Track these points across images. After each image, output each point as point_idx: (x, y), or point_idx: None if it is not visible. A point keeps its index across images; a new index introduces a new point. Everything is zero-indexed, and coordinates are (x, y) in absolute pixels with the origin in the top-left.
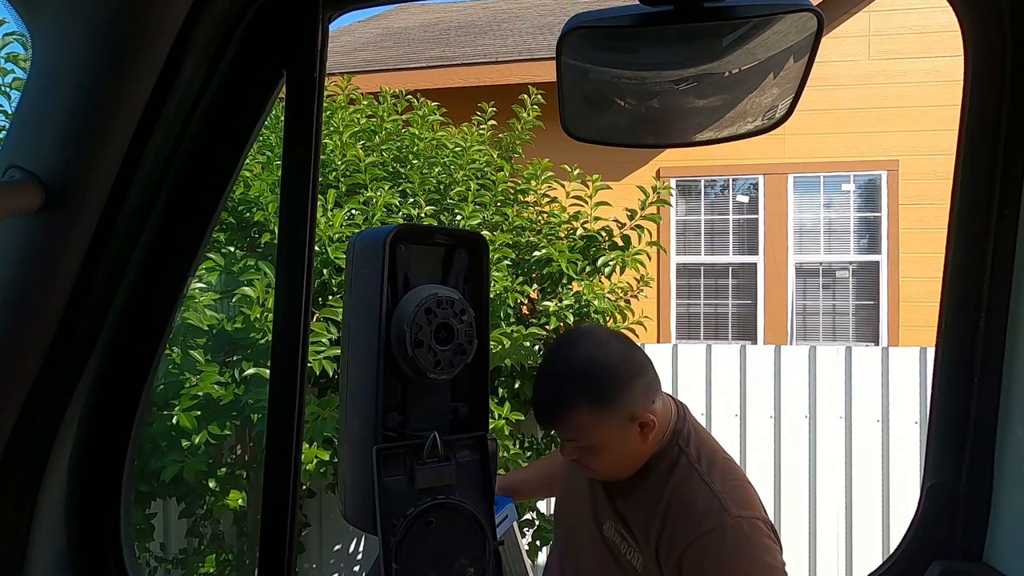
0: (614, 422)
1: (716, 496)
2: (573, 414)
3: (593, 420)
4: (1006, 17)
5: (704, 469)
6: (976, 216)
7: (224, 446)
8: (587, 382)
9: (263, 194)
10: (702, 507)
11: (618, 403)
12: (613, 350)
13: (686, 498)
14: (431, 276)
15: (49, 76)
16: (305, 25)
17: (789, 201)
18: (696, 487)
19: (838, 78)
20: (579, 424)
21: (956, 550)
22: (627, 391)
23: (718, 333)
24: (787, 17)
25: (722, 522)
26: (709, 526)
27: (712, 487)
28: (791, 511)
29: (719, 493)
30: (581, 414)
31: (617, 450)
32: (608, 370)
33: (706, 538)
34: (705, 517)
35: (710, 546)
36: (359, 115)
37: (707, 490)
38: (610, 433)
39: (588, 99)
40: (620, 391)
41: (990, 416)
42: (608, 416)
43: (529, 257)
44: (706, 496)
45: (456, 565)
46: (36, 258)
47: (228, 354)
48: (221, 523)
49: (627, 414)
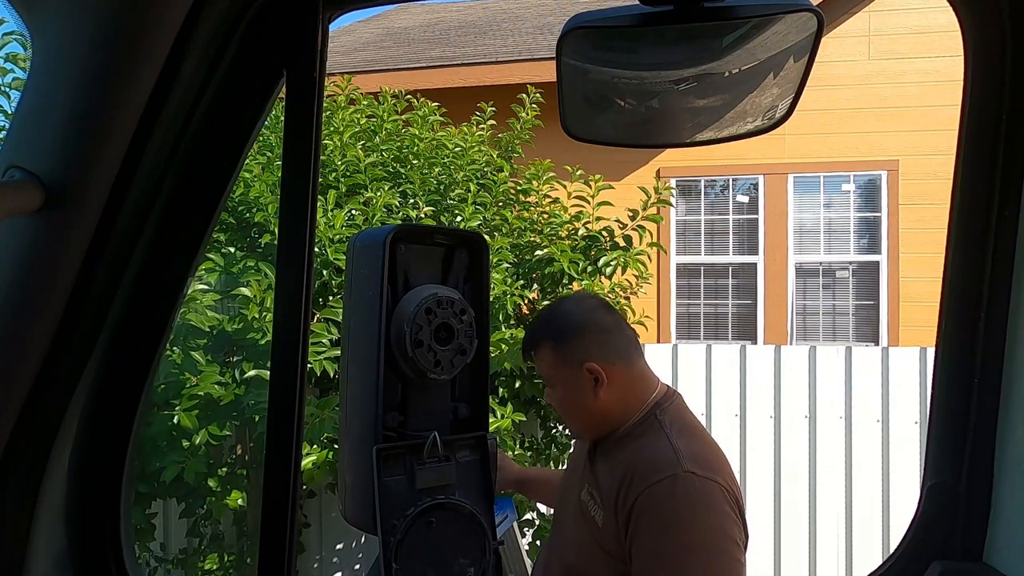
0: (568, 364)
1: (674, 450)
2: (539, 349)
3: (552, 356)
4: (1006, 17)
5: (672, 432)
6: (976, 216)
7: (224, 447)
8: (553, 325)
9: (263, 194)
10: (659, 459)
11: (572, 346)
12: (585, 308)
13: (647, 453)
14: (431, 276)
15: (49, 76)
16: (305, 25)
17: (789, 201)
18: (658, 444)
19: (838, 78)
20: (542, 358)
21: (956, 550)
22: (581, 339)
23: (718, 333)
24: (787, 17)
25: (674, 473)
26: (660, 476)
27: (673, 444)
28: (791, 511)
29: (678, 449)
30: (545, 349)
31: (569, 395)
32: (571, 319)
33: (656, 487)
34: (660, 468)
35: (658, 494)
36: (359, 115)
37: (668, 446)
38: (564, 374)
39: (588, 99)
40: (575, 337)
41: (990, 416)
42: (564, 355)
43: (530, 257)
44: (665, 450)
45: (456, 565)
46: (36, 258)
47: (228, 355)
48: (221, 523)
49: (579, 359)
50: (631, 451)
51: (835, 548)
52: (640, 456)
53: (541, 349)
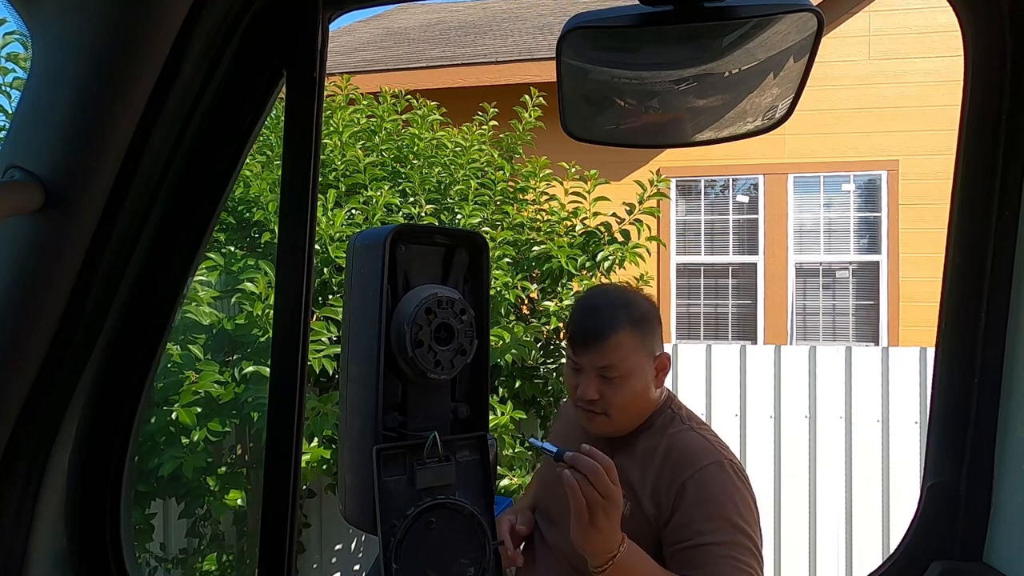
0: (644, 352)
1: (710, 443)
2: (620, 333)
3: (634, 342)
4: (1006, 17)
5: (693, 424)
6: (976, 216)
7: (224, 444)
8: (632, 310)
9: (263, 193)
10: (700, 448)
11: (652, 334)
12: (646, 300)
13: (684, 443)
14: (431, 276)
15: (49, 76)
16: (305, 25)
17: (789, 201)
18: (692, 436)
19: (838, 78)
20: (622, 343)
21: (956, 550)
22: (657, 328)
23: (718, 333)
24: (787, 17)
25: (720, 459)
26: (709, 460)
27: (703, 435)
28: (791, 511)
29: (709, 439)
30: (625, 333)
31: (639, 384)
32: (645, 306)
33: (708, 468)
34: (704, 455)
35: (712, 475)
36: (359, 115)
37: (701, 438)
38: (639, 362)
39: (588, 99)
40: (654, 325)
41: (990, 416)
42: (644, 343)
43: (529, 254)
44: (701, 442)
45: (456, 565)
46: (36, 258)
47: (228, 354)
48: (221, 523)
49: (652, 349)
50: (660, 442)
51: (835, 548)
52: (678, 447)
53: (621, 333)
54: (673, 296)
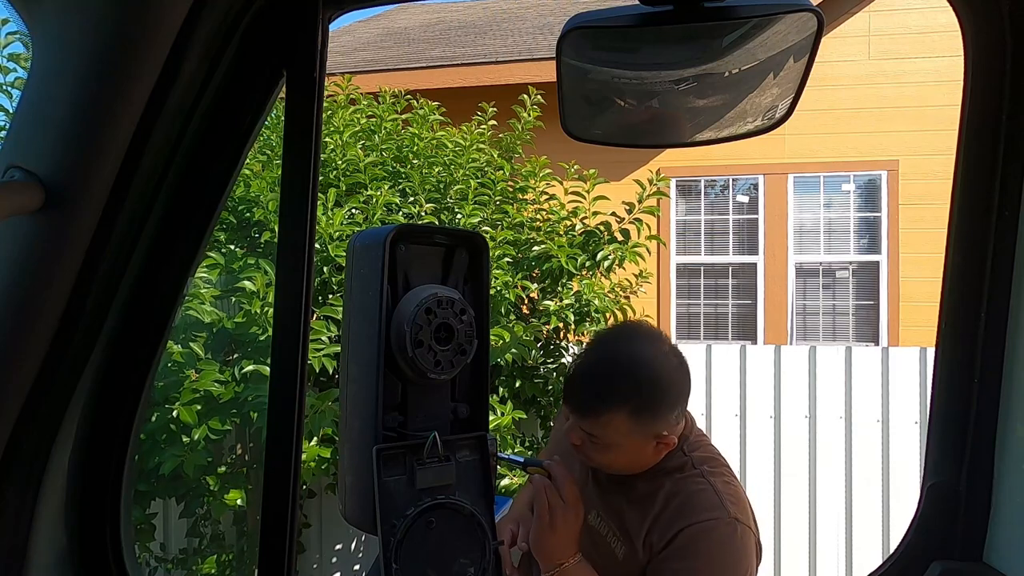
0: (642, 435)
1: (718, 495)
2: (613, 413)
3: (627, 426)
4: (1006, 17)
5: (706, 470)
6: (976, 216)
7: (224, 444)
8: (640, 389)
9: (263, 193)
10: (704, 499)
11: (657, 421)
12: (673, 367)
13: (689, 491)
14: (431, 276)
15: (50, 76)
16: (305, 25)
17: (789, 201)
18: (699, 485)
19: (838, 78)
20: (612, 424)
21: (956, 550)
22: (669, 413)
23: (718, 333)
24: (787, 17)
25: (721, 515)
26: (709, 515)
27: (715, 487)
28: (791, 511)
29: (720, 493)
30: (620, 416)
31: (628, 456)
32: (662, 385)
33: (705, 523)
34: (707, 507)
35: (707, 531)
36: (359, 115)
37: (709, 488)
38: (633, 442)
39: (588, 99)
40: (664, 411)
41: (990, 416)
42: (642, 427)
43: (529, 254)
44: (708, 493)
45: (456, 565)
46: (36, 258)
47: (228, 353)
48: (221, 523)
49: (657, 432)
50: (665, 487)
51: (835, 548)
52: (682, 494)
53: (612, 414)
54: (673, 296)
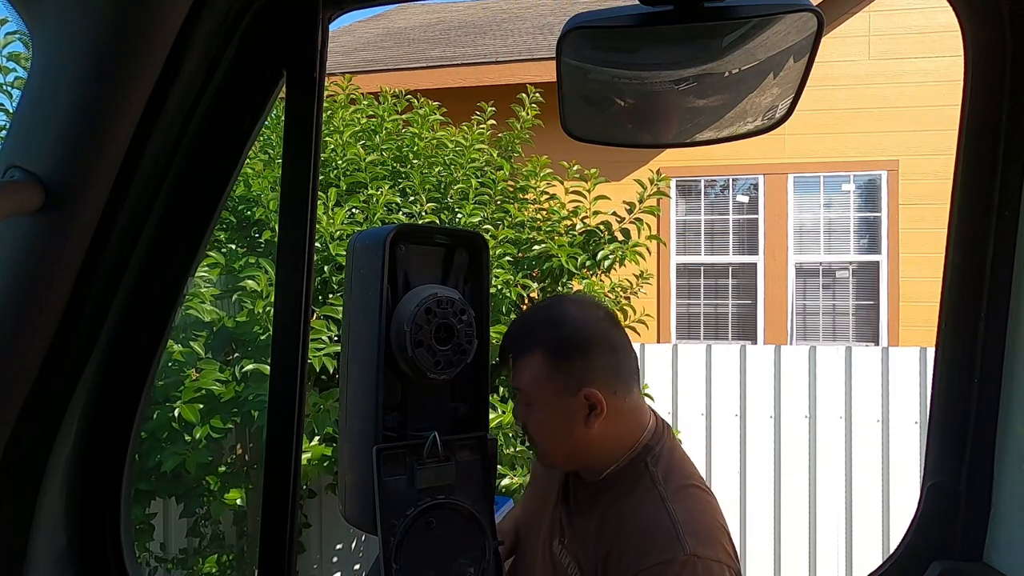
0: (562, 384)
1: (673, 525)
2: (527, 357)
3: (543, 370)
4: (1006, 17)
5: (667, 493)
6: (976, 216)
7: (224, 443)
8: (552, 333)
9: (264, 192)
10: (655, 535)
11: (572, 364)
12: (593, 317)
13: (640, 522)
14: (431, 276)
15: (50, 76)
16: (305, 25)
17: (789, 201)
18: (653, 511)
19: (838, 78)
20: (529, 369)
21: (956, 550)
22: (587, 358)
23: (718, 333)
24: (787, 17)
25: (674, 556)
26: (657, 559)
27: (672, 514)
28: (791, 511)
29: (677, 522)
30: (534, 360)
31: (556, 420)
32: (576, 331)
33: (655, 569)
34: (656, 547)
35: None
36: (359, 115)
37: (665, 517)
38: (555, 395)
39: (588, 99)
40: (579, 354)
41: (990, 416)
42: (559, 373)
43: (529, 253)
44: (663, 524)
45: (456, 565)
46: (36, 258)
47: (228, 353)
48: (221, 523)
49: (578, 382)
50: (618, 511)
51: (835, 548)
52: (632, 523)
53: (529, 357)
54: (673, 296)
